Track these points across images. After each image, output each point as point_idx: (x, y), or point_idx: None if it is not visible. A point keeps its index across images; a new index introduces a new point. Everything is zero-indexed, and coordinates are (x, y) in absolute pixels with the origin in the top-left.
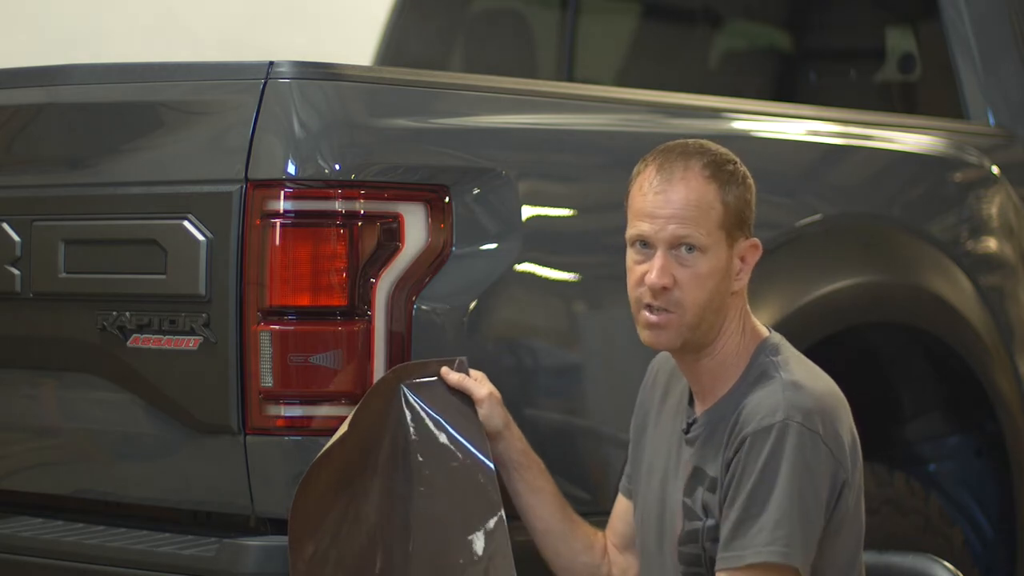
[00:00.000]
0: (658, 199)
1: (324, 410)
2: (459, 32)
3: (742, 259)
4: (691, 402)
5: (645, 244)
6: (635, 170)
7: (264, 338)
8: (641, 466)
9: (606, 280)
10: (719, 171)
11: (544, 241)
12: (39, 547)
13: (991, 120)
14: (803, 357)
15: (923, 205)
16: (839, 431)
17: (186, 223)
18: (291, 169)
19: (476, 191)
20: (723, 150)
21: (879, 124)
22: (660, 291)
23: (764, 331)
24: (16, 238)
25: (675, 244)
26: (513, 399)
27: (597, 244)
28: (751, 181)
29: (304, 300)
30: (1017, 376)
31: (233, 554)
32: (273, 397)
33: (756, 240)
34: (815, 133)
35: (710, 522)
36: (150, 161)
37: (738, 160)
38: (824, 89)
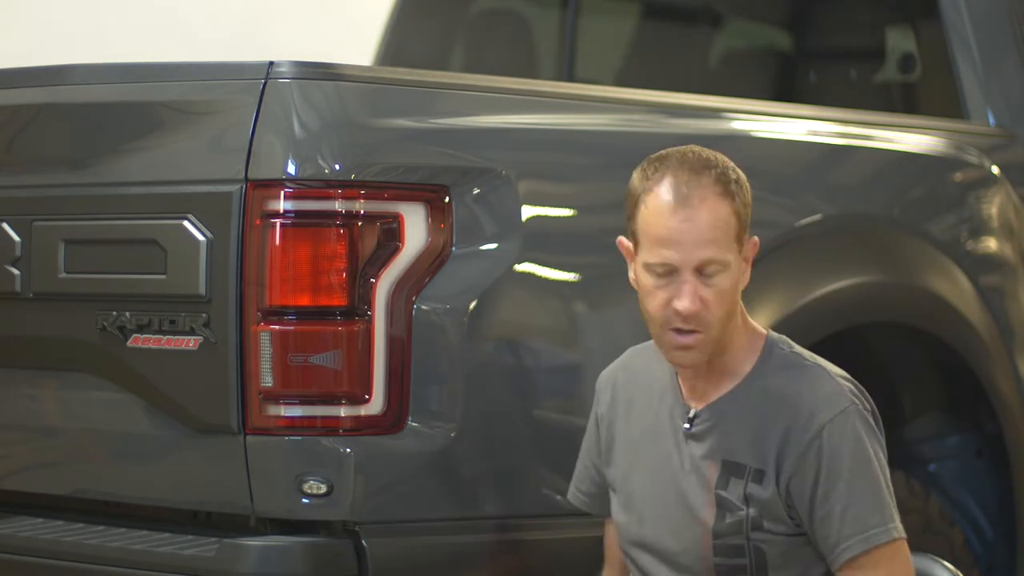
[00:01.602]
0: (682, 226)
1: (324, 410)
2: (459, 32)
3: (746, 259)
4: (679, 399)
5: (668, 270)
6: (638, 186)
7: (264, 338)
8: (619, 475)
9: (606, 280)
10: (729, 185)
11: (544, 241)
12: (39, 547)
13: (991, 120)
14: None
15: (923, 205)
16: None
17: (186, 223)
18: (291, 169)
19: (476, 191)
20: (722, 158)
21: (879, 124)
22: (690, 316)
23: (759, 326)
24: (16, 238)
25: (702, 268)
26: (513, 399)
27: (597, 244)
28: (747, 182)
29: (304, 300)
30: (1017, 376)
31: (233, 554)
32: (273, 397)
33: (755, 237)
34: (815, 133)
35: (753, 511)
36: (150, 161)
37: (732, 164)
38: (824, 89)
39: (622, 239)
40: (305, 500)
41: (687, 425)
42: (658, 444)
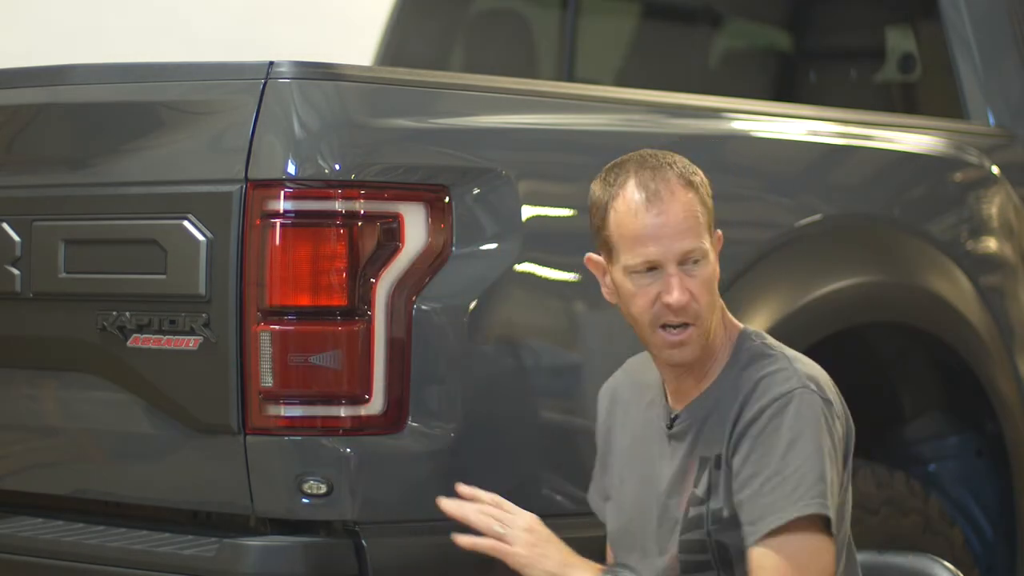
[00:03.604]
0: (658, 220)
1: (324, 410)
2: (459, 32)
3: (717, 252)
4: (663, 402)
5: (651, 267)
6: (602, 195)
7: (264, 338)
8: (615, 483)
9: None
10: (691, 178)
11: (544, 241)
12: (39, 547)
13: (991, 120)
14: None
15: (923, 205)
16: (840, 399)
17: (186, 223)
18: (291, 169)
19: (476, 191)
20: (679, 157)
21: (879, 124)
22: (681, 308)
23: (736, 321)
24: (16, 238)
25: (684, 259)
26: (513, 399)
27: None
28: (705, 179)
29: (304, 300)
30: (1017, 376)
31: (233, 554)
32: (273, 397)
33: (719, 231)
34: (815, 133)
35: (714, 505)
36: (150, 161)
37: (689, 162)
38: (824, 89)
39: (591, 256)
40: (305, 500)
41: (668, 427)
42: (646, 449)
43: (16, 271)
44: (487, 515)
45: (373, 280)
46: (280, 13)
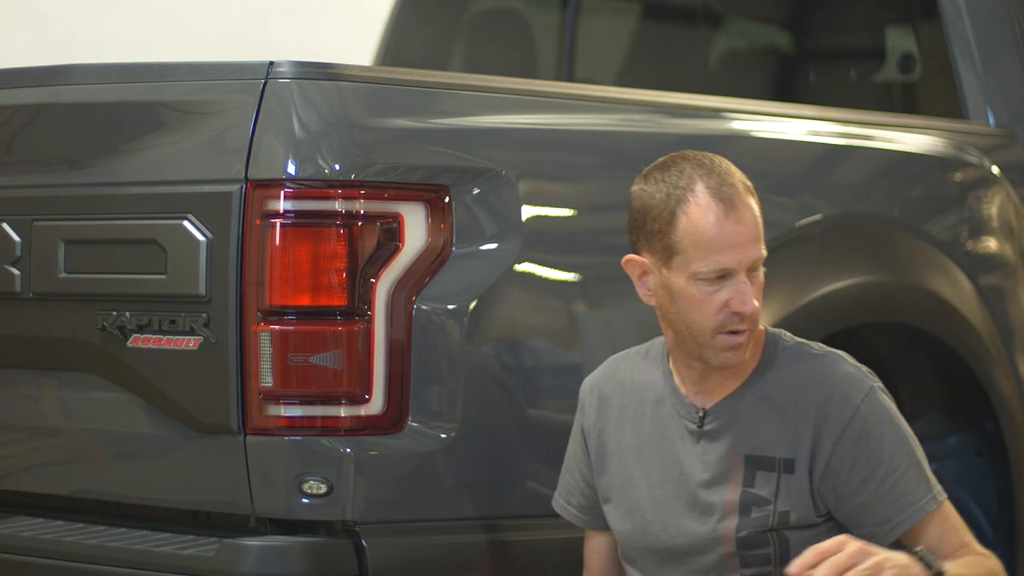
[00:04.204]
0: (736, 228)
1: (324, 410)
2: (459, 32)
3: None
4: (681, 400)
5: (722, 275)
6: (664, 199)
7: (264, 338)
8: (616, 484)
9: (606, 280)
10: (747, 183)
11: (544, 241)
12: (39, 547)
13: (991, 120)
14: None
15: (923, 205)
16: None
17: (186, 223)
18: (291, 169)
19: (476, 191)
20: (723, 159)
21: (879, 124)
22: (750, 315)
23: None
24: (16, 238)
25: (753, 267)
26: (513, 399)
27: (597, 244)
28: None
29: (304, 300)
30: (1017, 376)
31: (233, 554)
32: (273, 397)
33: None
34: (815, 133)
35: (782, 507)
36: (150, 161)
37: None
38: (824, 89)
39: (632, 257)
40: (305, 500)
41: (696, 425)
42: (662, 448)
43: (16, 271)
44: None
45: (373, 280)
46: (280, 13)
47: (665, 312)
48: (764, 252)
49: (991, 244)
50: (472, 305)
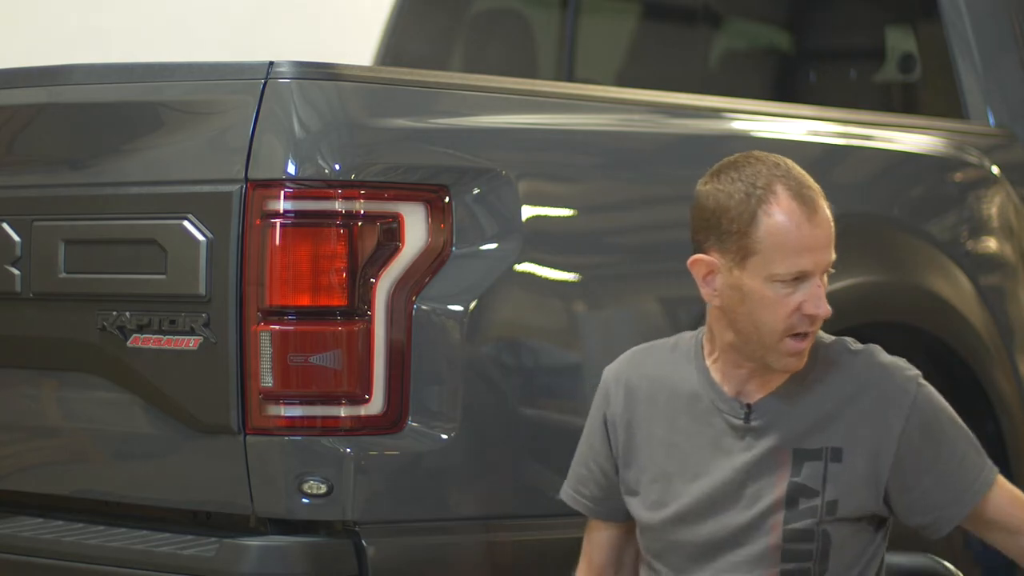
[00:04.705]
0: (816, 232)
1: (324, 410)
2: (459, 32)
3: None
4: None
5: (798, 277)
6: (743, 199)
7: (264, 338)
8: (645, 477)
9: (606, 280)
10: (819, 187)
11: (544, 241)
12: (39, 547)
13: (991, 120)
14: None
15: (923, 205)
16: None
17: (186, 223)
18: (291, 169)
19: (476, 191)
20: (789, 161)
21: (879, 124)
22: (821, 318)
23: None
24: (16, 238)
25: (827, 270)
26: (513, 399)
27: (597, 244)
28: None
29: (304, 300)
30: (1017, 376)
31: (233, 554)
32: (273, 397)
33: None
34: (815, 133)
35: (829, 496)
36: (150, 161)
37: None
38: (824, 89)
39: (700, 257)
40: (305, 500)
41: (741, 420)
42: (701, 443)
43: (16, 271)
44: None
45: (373, 280)
46: (280, 13)
47: (731, 313)
48: (835, 256)
49: (991, 244)
50: (472, 305)
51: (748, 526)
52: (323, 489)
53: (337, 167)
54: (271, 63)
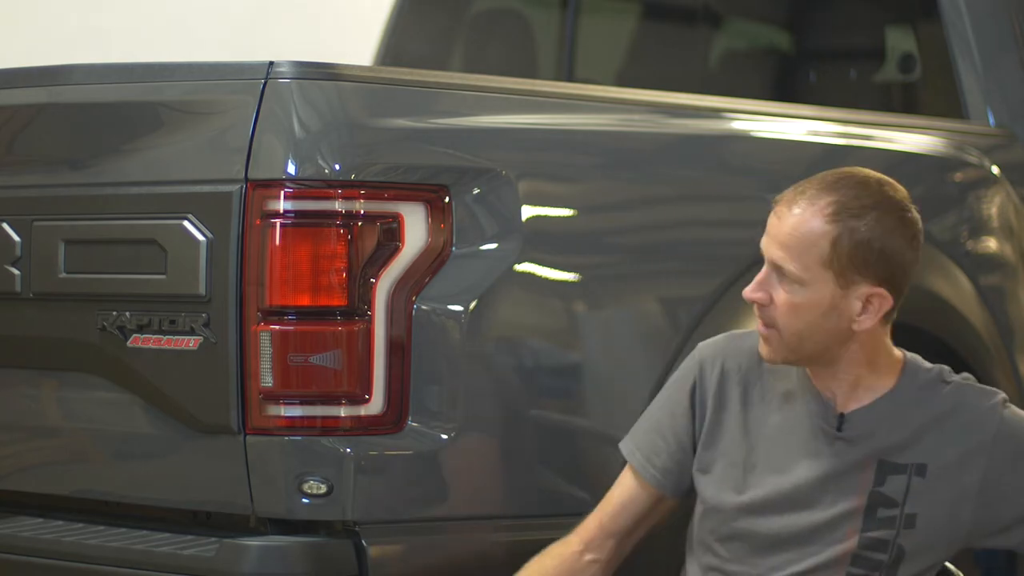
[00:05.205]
0: (774, 220)
1: (324, 410)
2: (459, 32)
3: (866, 303)
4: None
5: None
6: None
7: (264, 338)
8: (726, 460)
9: (606, 280)
10: (840, 214)
11: (544, 241)
12: (39, 547)
13: (991, 120)
14: None
15: (923, 205)
16: None
17: (186, 223)
18: (291, 169)
19: (476, 191)
20: (864, 192)
21: (879, 124)
22: (758, 305)
23: (897, 351)
24: (16, 238)
25: (774, 266)
26: (513, 399)
27: (597, 244)
28: (904, 233)
29: (304, 300)
30: (1017, 376)
31: (233, 554)
32: (273, 397)
33: (883, 291)
34: (815, 133)
35: (909, 509)
36: (150, 161)
37: (890, 207)
38: (824, 89)
39: None
40: (305, 500)
41: (834, 428)
42: (790, 441)
43: (16, 271)
44: None
45: (373, 280)
46: (280, 13)
47: None
48: (792, 267)
49: (991, 244)
50: (472, 305)
51: (823, 528)
52: (323, 489)
53: (337, 167)
54: (271, 63)
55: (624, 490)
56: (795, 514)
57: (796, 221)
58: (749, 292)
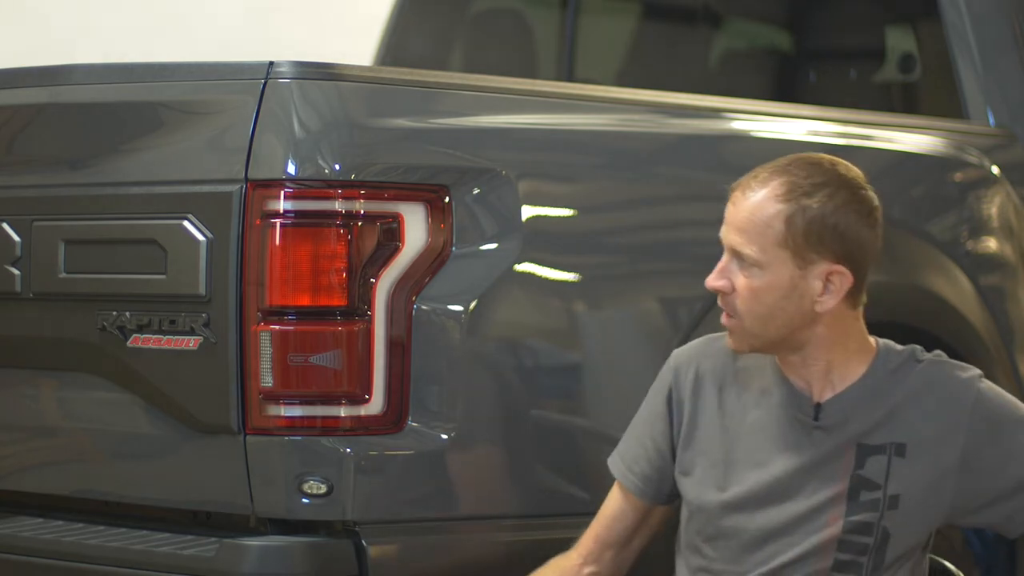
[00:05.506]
0: (731, 207)
1: (324, 410)
2: (459, 32)
3: (826, 281)
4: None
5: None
6: None
7: (264, 338)
8: (705, 461)
9: (606, 280)
10: (793, 191)
11: (544, 241)
12: (39, 547)
13: (991, 120)
14: None
15: (923, 205)
16: None
17: (186, 223)
18: (291, 169)
19: (476, 191)
20: (814, 170)
21: (879, 124)
22: (720, 294)
23: (870, 339)
24: (16, 238)
25: (733, 253)
26: (513, 399)
27: (597, 244)
28: (858, 209)
29: (304, 300)
30: (1017, 376)
31: (233, 554)
32: (273, 397)
33: (842, 268)
34: (815, 133)
35: (892, 490)
36: (150, 161)
37: (841, 183)
38: (824, 89)
39: None
40: (305, 500)
41: (811, 418)
42: (767, 435)
43: (16, 271)
44: None
45: (373, 280)
46: (280, 13)
47: None
48: (750, 250)
49: (991, 244)
50: (472, 305)
51: (806, 517)
52: (323, 489)
53: (337, 167)
54: (271, 63)
55: (613, 501)
56: (778, 506)
57: (750, 205)
58: (711, 280)
